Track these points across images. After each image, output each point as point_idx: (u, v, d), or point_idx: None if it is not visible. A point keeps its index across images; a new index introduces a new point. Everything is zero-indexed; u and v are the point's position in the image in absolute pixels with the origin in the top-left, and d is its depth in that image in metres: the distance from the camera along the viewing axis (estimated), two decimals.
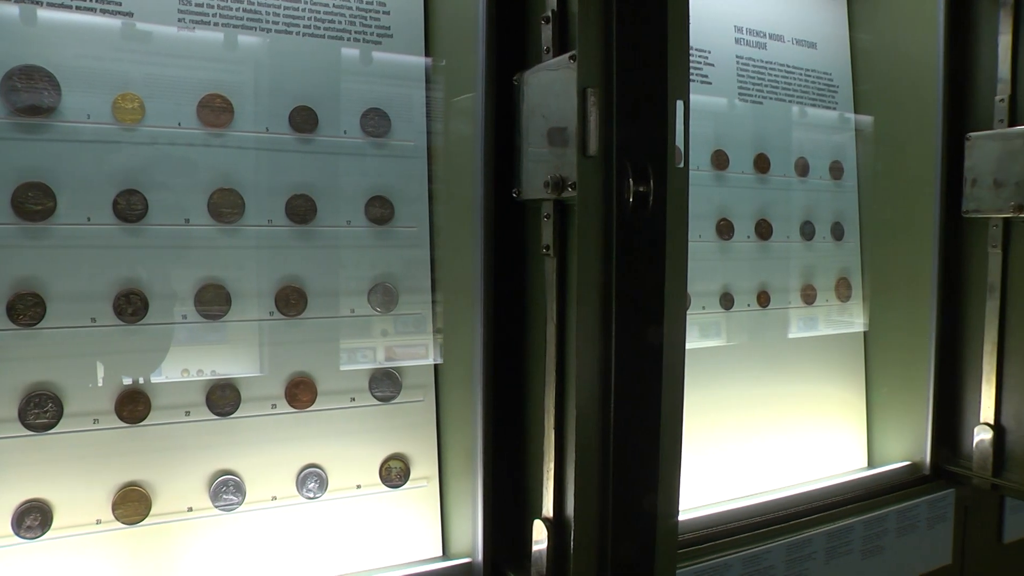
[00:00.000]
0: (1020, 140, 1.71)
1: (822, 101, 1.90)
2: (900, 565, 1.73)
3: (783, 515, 1.58)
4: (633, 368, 1.18)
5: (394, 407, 1.42)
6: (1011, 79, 1.77)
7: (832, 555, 1.59)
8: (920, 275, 1.87)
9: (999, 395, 1.79)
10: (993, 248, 1.78)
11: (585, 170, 1.13)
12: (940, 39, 1.82)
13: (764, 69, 1.79)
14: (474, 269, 1.33)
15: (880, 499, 1.73)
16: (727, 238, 1.71)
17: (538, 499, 1.24)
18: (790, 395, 1.83)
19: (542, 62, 1.22)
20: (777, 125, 1.82)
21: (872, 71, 1.95)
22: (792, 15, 1.86)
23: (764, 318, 1.78)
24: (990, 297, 1.79)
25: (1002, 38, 1.77)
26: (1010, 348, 1.78)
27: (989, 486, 1.81)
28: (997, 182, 1.74)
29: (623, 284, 1.17)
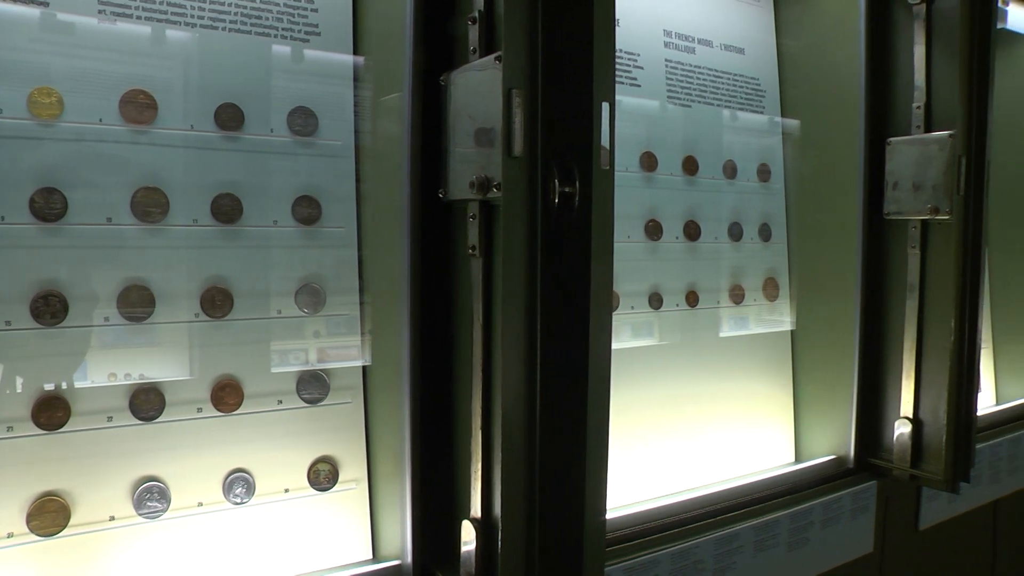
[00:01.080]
0: (936, 145, 1.73)
1: (750, 105, 1.90)
2: (824, 555, 1.75)
3: (712, 510, 1.58)
4: (559, 368, 1.16)
5: (322, 409, 1.37)
6: (926, 87, 1.79)
7: (760, 548, 1.58)
8: (844, 275, 1.89)
9: (917, 390, 1.82)
10: (912, 248, 1.81)
11: (510, 171, 1.10)
12: (861, 48, 1.85)
13: (693, 73, 1.78)
14: (401, 270, 1.29)
15: (806, 492, 1.74)
16: (656, 239, 1.70)
17: (466, 500, 1.22)
18: (720, 393, 1.83)
19: (469, 63, 1.20)
20: (706, 128, 1.82)
21: (798, 77, 1.97)
22: (720, 21, 1.86)
23: (693, 317, 1.77)
24: (910, 296, 1.82)
25: (917, 49, 1.80)
26: (928, 345, 1.80)
27: (908, 477, 1.84)
28: (916, 185, 1.77)
29: (548, 284, 1.15)
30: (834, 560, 1.77)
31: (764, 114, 1.94)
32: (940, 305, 1.77)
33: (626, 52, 1.65)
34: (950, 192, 1.70)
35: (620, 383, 1.60)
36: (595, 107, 1.12)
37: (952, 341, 1.73)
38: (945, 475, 1.76)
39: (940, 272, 1.77)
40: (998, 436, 2.34)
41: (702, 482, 1.68)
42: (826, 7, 1.89)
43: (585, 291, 1.12)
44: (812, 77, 1.94)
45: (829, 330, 1.92)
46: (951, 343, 1.73)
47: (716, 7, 1.86)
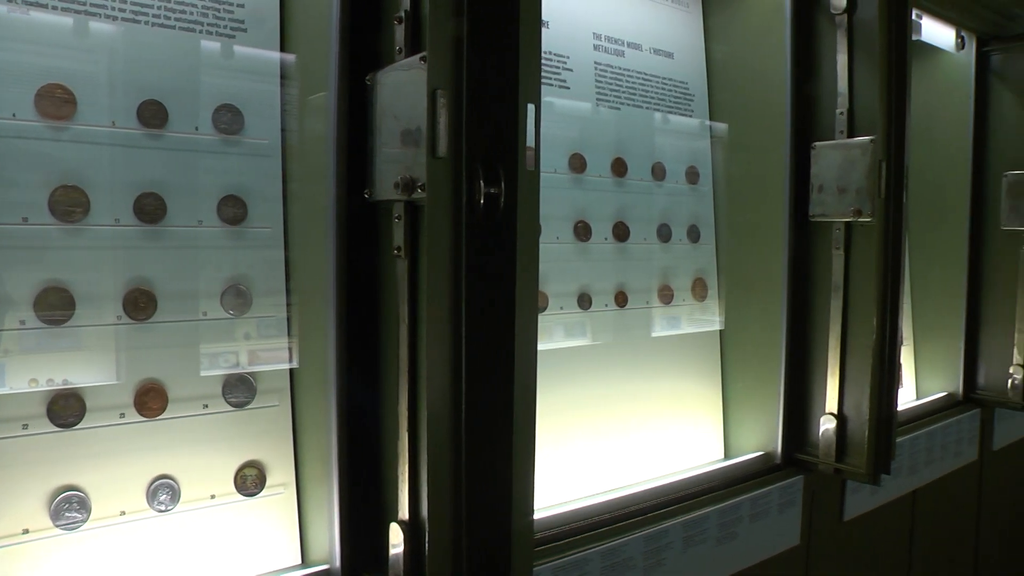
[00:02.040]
0: (858, 150, 1.75)
1: (679, 108, 1.89)
2: (753, 549, 1.75)
3: (642, 508, 1.57)
4: (485, 369, 1.14)
5: (249, 413, 1.31)
6: (849, 94, 1.81)
7: (689, 544, 1.57)
8: (771, 275, 1.90)
9: (842, 387, 1.84)
10: (837, 250, 1.82)
11: (435, 172, 1.07)
12: (787, 55, 1.86)
13: (622, 76, 1.76)
14: (327, 271, 1.25)
15: (735, 488, 1.75)
16: (585, 240, 1.67)
17: (394, 502, 1.18)
18: (650, 392, 1.82)
19: (395, 63, 1.16)
20: (635, 130, 1.80)
21: (726, 82, 1.97)
22: (650, 25, 1.85)
23: (623, 318, 1.75)
24: (834, 296, 1.83)
25: (840, 57, 1.81)
26: (851, 343, 1.82)
27: (832, 471, 1.86)
28: (840, 188, 1.78)
29: (474, 285, 1.12)
30: (762, 553, 1.78)
31: (693, 117, 1.93)
32: (863, 304, 1.78)
33: (555, 54, 1.63)
34: (872, 195, 1.72)
35: (550, 383, 1.58)
36: (520, 109, 1.09)
37: (874, 339, 1.75)
38: (867, 468, 1.78)
39: (863, 272, 1.79)
40: (917, 429, 2.38)
41: (633, 480, 1.66)
42: (753, 14, 1.90)
43: (510, 292, 1.10)
44: (740, 82, 1.95)
45: (757, 329, 1.93)
46: (873, 341, 1.75)
47: (646, 11, 1.85)
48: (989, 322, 2.77)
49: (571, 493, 1.55)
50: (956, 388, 2.76)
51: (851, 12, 1.77)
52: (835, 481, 2.00)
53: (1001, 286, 2.73)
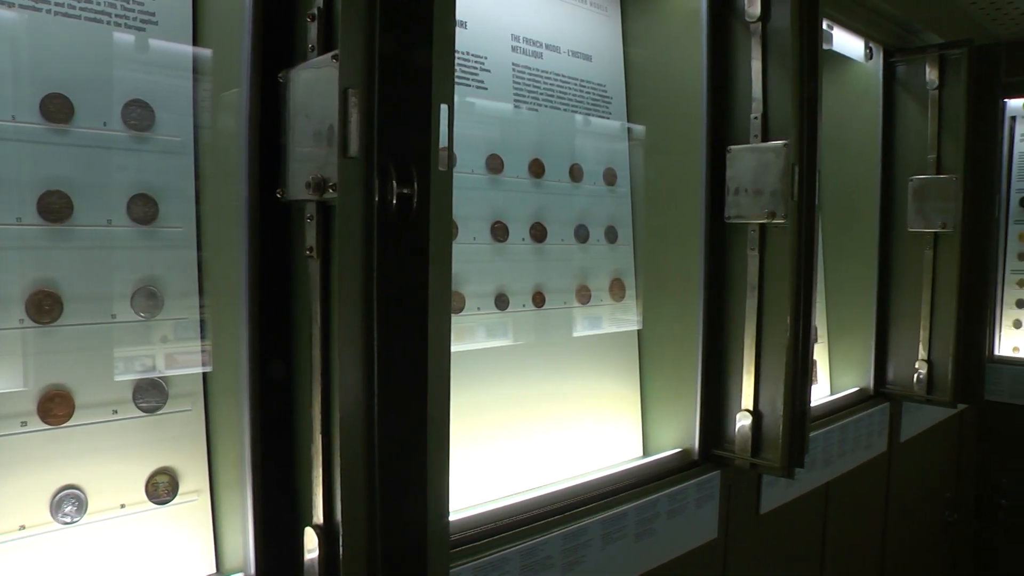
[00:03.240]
0: (772, 153, 1.77)
1: (597, 110, 1.88)
2: (671, 544, 1.76)
3: (560, 506, 1.55)
4: (398, 370, 1.11)
5: (161, 418, 1.25)
6: (763, 99, 1.82)
7: (608, 540, 1.57)
8: (688, 276, 1.90)
9: (757, 384, 1.85)
10: (752, 251, 1.84)
11: (346, 171, 1.04)
12: (703, 60, 1.87)
13: (540, 77, 1.74)
14: (240, 272, 1.20)
15: (653, 485, 1.74)
16: (502, 240, 1.64)
17: (309, 506, 1.14)
18: (569, 391, 1.81)
19: (307, 60, 1.12)
20: (552, 132, 1.78)
21: (644, 85, 1.97)
22: (569, 28, 1.83)
23: (540, 318, 1.73)
24: (749, 295, 1.84)
25: (754, 63, 1.82)
26: (766, 342, 1.83)
27: (748, 465, 1.87)
28: (754, 191, 1.80)
29: (386, 286, 1.09)
30: (681, 548, 1.78)
31: (611, 119, 1.92)
32: (777, 304, 1.80)
33: (473, 55, 1.60)
34: (785, 197, 1.74)
35: (468, 384, 1.55)
36: (433, 109, 1.06)
37: (788, 337, 1.77)
38: (782, 462, 1.79)
39: (777, 272, 1.80)
40: (831, 423, 2.42)
41: (552, 479, 1.65)
42: (670, 20, 1.90)
43: (424, 293, 1.07)
44: (657, 86, 1.95)
45: (674, 328, 1.93)
46: (787, 339, 1.77)
47: (564, 14, 1.83)
48: (897, 320, 2.84)
49: (491, 493, 1.53)
50: (867, 383, 2.83)
51: (765, 21, 1.79)
52: (751, 476, 2.02)
53: (908, 285, 2.81)
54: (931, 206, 2.71)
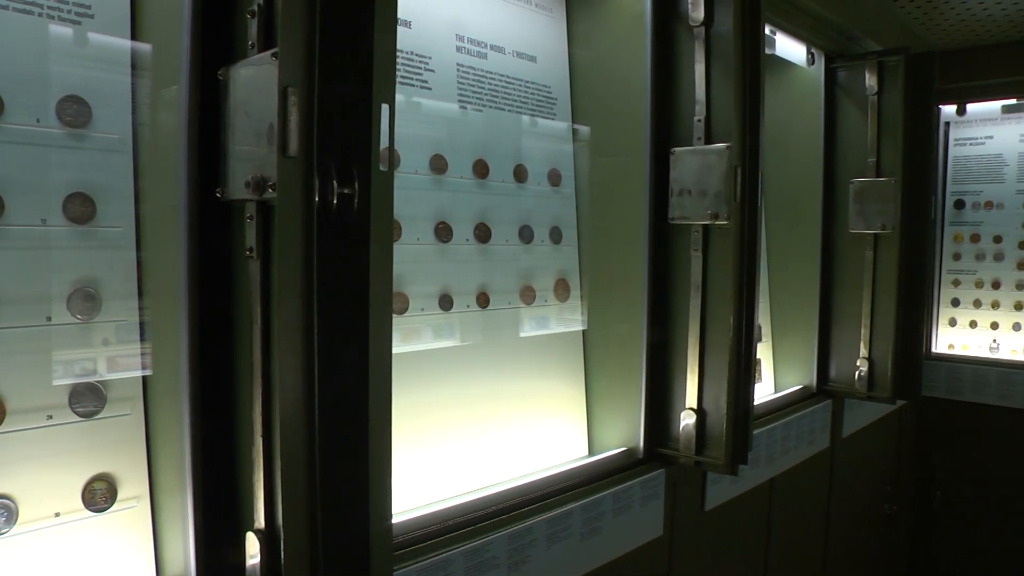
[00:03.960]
0: (715, 155, 1.79)
1: (541, 111, 1.87)
2: (617, 542, 1.76)
3: (506, 506, 1.55)
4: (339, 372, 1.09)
5: (98, 423, 1.21)
6: (706, 102, 1.84)
7: (553, 540, 1.56)
8: (632, 276, 1.91)
9: (701, 383, 1.87)
10: (695, 251, 1.85)
11: (285, 171, 1.02)
12: (648, 63, 1.88)
13: (485, 78, 1.73)
14: (180, 273, 1.17)
15: (598, 484, 1.75)
16: (446, 241, 1.63)
17: (250, 511, 1.12)
18: (515, 392, 1.80)
19: (247, 57, 1.10)
20: (497, 132, 1.77)
21: (589, 87, 1.97)
22: (514, 29, 1.82)
23: (485, 319, 1.72)
24: (693, 295, 1.86)
25: (698, 67, 1.84)
26: (709, 341, 1.85)
27: (693, 463, 1.88)
28: (697, 192, 1.81)
29: (327, 287, 1.08)
30: (627, 545, 1.79)
31: (555, 120, 1.92)
32: (720, 303, 1.82)
33: (417, 55, 1.58)
34: (728, 199, 1.76)
35: (413, 385, 1.54)
36: (374, 109, 1.05)
37: (731, 336, 1.79)
38: (726, 460, 1.81)
39: (720, 273, 1.82)
40: (774, 421, 2.46)
41: (498, 479, 1.64)
42: (615, 23, 1.91)
43: (364, 294, 1.05)
44: (602, 87, 1.95)
45: (619, 328, 1.94)
46: (730, 338, 1.79)
47: (510, 15, 1.83)
48: (839, 319, 2.90)
49: (436, 495, 1.51)
50: (810, 381, 2.88)
51: (708, 25, 1.81)
52: (696, 473, 2.04)
53: (849, 285, 2.87)
54: (871, 208, 2.77)
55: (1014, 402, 3.60)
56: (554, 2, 1.93)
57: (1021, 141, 3.74)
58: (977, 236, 3.83)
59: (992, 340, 3.77)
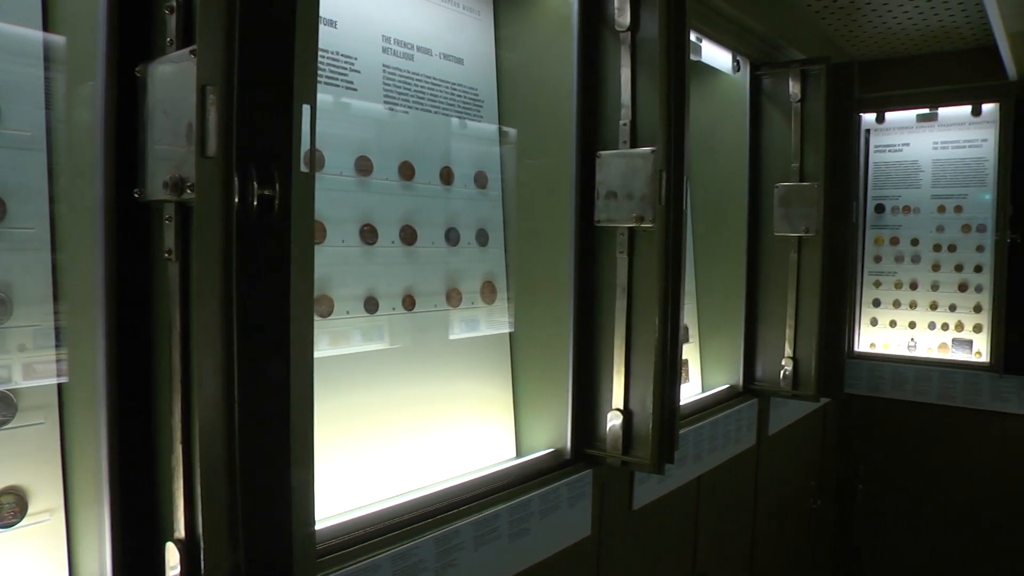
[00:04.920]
0: (640, 159, 1.81)
1: (468, 114, 1.87)
2: (545, 543, 1.77)
3: (433, 510, 1.54)
4: (260, 376, 1.08)
5: (9, 433, 1.16)
6: (632, 106, 1.86)
7: (481, 542, 1.57)
8: (559, 278, 1.93)
9: (627, 383, 1.89)
10: (621, 254, 1.88)
11: (204, 171, 1.00)
12: (574, 67, 1.90)
13: (411, 79, 1.72)
14: (96, 275, 1.14)
15: (526, 485, 1.75)
16: (371, 243, 1.61)
17: (170, 520, 1.09)
18: (442, 394, 1.80)
19: (166, 54, 1.08)
20: (423, 134, 1.77)
21: (516, 90, 1.99)
22: (441, 30, 1.82)
23: (411, 321, 1.71)
24: (619, 297, 1.88)
25: (624, 71, 1.86)
26: (635, 342, 1.88)
27: (620, 463, 1.90)
28: (623, 195, 1.83)
29: (247, 290, 1.06)
30: (555, 546, 1.80)
31: (482, 123, 1.93)
32: (646, 305, 1.85)
33: (343, 55, 1.56)
34: (653, 202, 1.78)
35: (338, 389, 1.53)
36: (296, 109, 1.04)
37: (656, 337, 1.81)
38: (652, 459, 1.84)
39: (645, 275, 1.85)
40: (702, 420, 2.51)
41: (425, 483, 1.63)
42: (542, 26, 1.93)
43: (285, 296, 1.04)
44: (528, 90, 1.96)
45: (545, 330, 1.95)
46: (655, 339, 1.82)
47: (437, 17, 1.82)
48: (765, 320, 2.98)
49: (363, 499, 1.50)
50: (737, 380, 2.95)
51: (634, 30, 1.84)
52: (623, 473, 2.07)
53: (774, 287, 2.95)
54: (795, 212, 2.86)
55: (930, 398, 3.76)
56: (482, 4, 1.94)
57: (934, 148, 3.90)
58: (896, 239, 3.98)
59: (910, 339, 3.92)
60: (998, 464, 3.62)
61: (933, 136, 3.91)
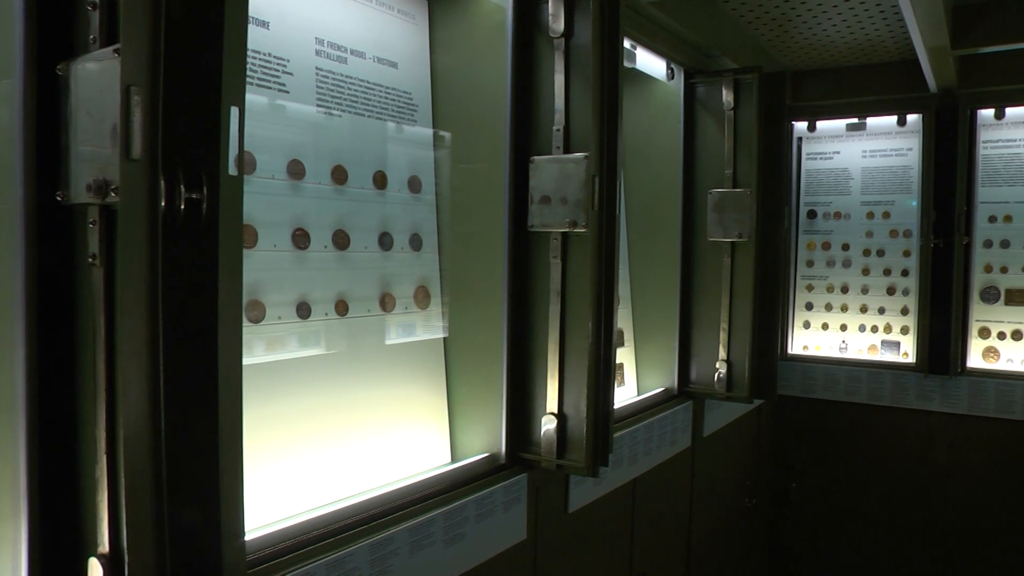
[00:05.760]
0: (573, 164, 1.84)
1: (402, 118, 1.88)
2: (481, 547, 1.79)
3: (366, 516, 1.54)
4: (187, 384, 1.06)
5: None
6: (565, 112, 1.89)
7: (416, 548, 1.57)
8: (492, 283, 1.94)
9: (561, 387, 1.91)
10: (554, 259, 1.90)
11: (128, 174, 0.99)
12: (508, 71, 1.91)
13: (344, 83, 1.72)
14: (16, 281, 1.10)
15: (461, 490, 1.76)
16: (304, 248, 1.60)
17: (93, 534, 1.07)
18: (377, 400, 1.80)
19: (89, 52, 1.06)
20: (356, 138, 1.76)
21: (450, 94, 2.00)
22: (375, 34, 1.82)
23: (344, 327, 1.70)
24: (553, 302, 1.90)
25: (557, 77, 1.89)
26: (569, 346, 1.90)
27: (555, 467, 1.93)
28: (557, 200, 1.86)
29: (173, 296, 1.05)
30: (491, 551, 1.82)
31: (416, 127, 1.93)
32: (579, 309, 1.87)
33: (275, 57, 1.55)
34: (586, 208, 1.81)
35: (269, 396, 1.51)
36: (224, 111, 1.03)
37: (589, 342, 1.84)
38: (586, 462, 1.87)
39: (578, 280, 1.87)
40: (637, 423, 2.55)
41: (359, 489, 1.63)
42: (477, 31, 1.94)
43: (213, 302, 1.03)
44: (463, 95, 1.97)
45: (480, 335, 1.97)
46: (589, 343, 1.84)
47: (371, 20, 1.82)
48: (699, 323, 3.04)
49: (296, 507, 1.49)
50: (672, 383, 3.01)
51: (568, 37, 1.86)
52: (558, 476, 2.09)
53: (708, 291, 3.01)
54: (728, 217, 2.93)
55: (860, 398, 3.90)
56: (417, 8, 1.94)
57: (864, 157, 4.05)
58: (828, 244, 4.11)
59: (841, 341, 4.05)
60: (923, 460, 3.77)
61: (862, 145, 4.05)
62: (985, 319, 3.71)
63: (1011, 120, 3.68)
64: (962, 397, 3.66)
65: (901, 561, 3.84)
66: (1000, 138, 3.71)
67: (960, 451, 3.69)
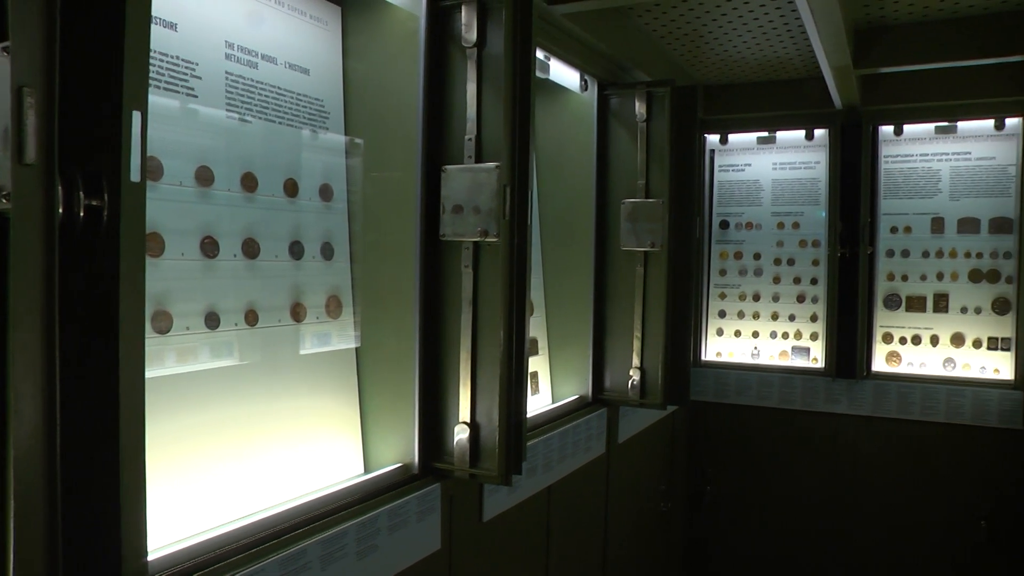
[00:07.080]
0: (485, 174, 1.87)
1: (313, 125, 1.87)
2: (395, 558, 1.79)
3: (277, 531, 1.52)
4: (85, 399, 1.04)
5: None
6: (477, 121, 1.91)
7: (328, 561, 1.56)
8: (404, 292, 1.95)
9: (474, 397, 1.93)
10: (466, 268, 1.93)
11: (22, 179, 0.97)
12: (420, 80, 1.93)
13: (255, 88, 1.70)
14: None
15: (373, 501, 1.76)
16: (212, 256, 1.57)
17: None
18: (286, 412, 1.78)
19: None
20: (266, 145, 1.74)
21: (362, 102, 1.99)
22: (286, 39, 1.81)
23: (254, 337, 1.68)
24: (465, 311, 1.92)
25: (470, 87, 1.92)
26: (481, 355, 1.93)
27: (468, 476, 1.95)
28: (469, 209, 1.88)
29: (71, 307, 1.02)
30: (405, 562, 1.82)
31: (328, 135, 1.92)
32: (491, 318, 1.90)
33: (183, 60, 1.52)
34: (498, 217, 1.84)
35: (176, 409, 1.48)
36: (125, 115, 1.02)
37: (501, 350, 1.86)
38: (499, 471, 1.89)
39: (490, 289, 1.90)
40: (551, 430, 2.59)
41: (270, 503, 1.61)
42: (390, 38, 1.95)
43: (114, 313, 1.01)
44: (375, 103, 1.98)
45: (392, 345, 1.97)
46: (500, 352, 1.87)
47: (283, 25, 1.81)
48: (613, 331, 3.11)
49: (203, 524, 1.46)
50: (586, 391, 3.06)
51: (481, 47, 1.89)
52: (472, 486, 2.10)
53: (622, 299, 3.09)
54: (641, 227, 3.00)
55: (771, 402, 4.05)
56: (329, 15, 1.94)
57: (774, 169, 4.21)
58: (740, 253, 4.25)
59: (754, 347, 4.19)
60: (831, 460, 3.95)
61: (773, 157, 4.22)
62: (888, 325, 3.92)
63: (908, 136, 3.91)
64: (867, 399, 3.86)
65: (811, 556, 4.00)
66: (899, 153, 3.93)
67: (865, 450, 3.88)
